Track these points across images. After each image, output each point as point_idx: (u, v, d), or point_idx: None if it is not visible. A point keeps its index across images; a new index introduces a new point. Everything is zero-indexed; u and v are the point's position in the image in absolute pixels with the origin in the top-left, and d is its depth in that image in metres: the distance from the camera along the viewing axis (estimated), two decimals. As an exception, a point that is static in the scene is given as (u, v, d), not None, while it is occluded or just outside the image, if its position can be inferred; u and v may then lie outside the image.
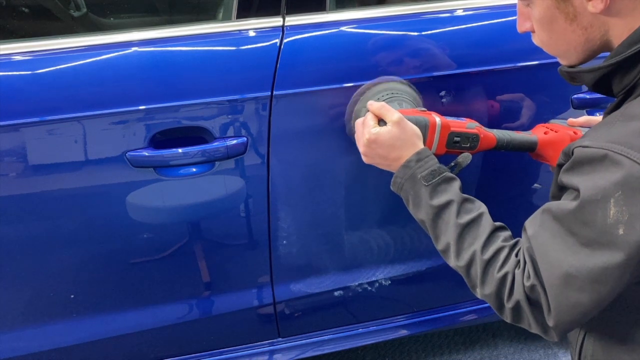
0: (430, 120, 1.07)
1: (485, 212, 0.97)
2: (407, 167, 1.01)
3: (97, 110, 1.14)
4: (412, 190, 1.00)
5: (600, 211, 0.77)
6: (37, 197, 1.18)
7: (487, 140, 1.12)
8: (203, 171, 1.22)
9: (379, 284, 1.47)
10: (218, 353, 1.45)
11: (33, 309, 1.29)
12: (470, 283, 0.95)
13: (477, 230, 0.95)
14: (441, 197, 0.98)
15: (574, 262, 0.80)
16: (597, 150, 0.78)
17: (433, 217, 0.98)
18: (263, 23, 1.23)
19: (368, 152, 1.06)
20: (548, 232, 0.84)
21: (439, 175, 0.99)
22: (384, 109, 1.05)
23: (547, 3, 0.87)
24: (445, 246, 0.97)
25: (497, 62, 1.29)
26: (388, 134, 1.03)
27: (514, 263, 0.89)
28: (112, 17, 1.64)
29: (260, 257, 1.35)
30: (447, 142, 1.09)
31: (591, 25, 0.86)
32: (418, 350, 1.86)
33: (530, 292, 0.85)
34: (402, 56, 1.26)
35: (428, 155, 1.02)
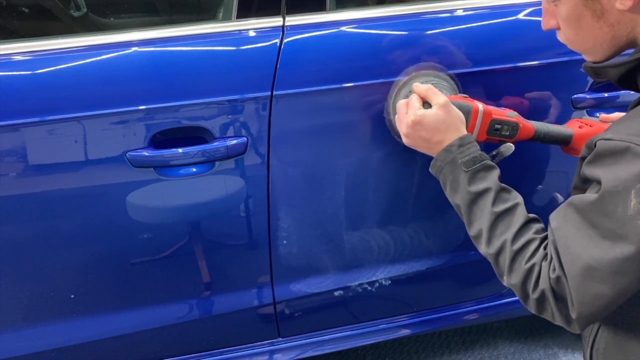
0: (473, 106, 1.08)
1: (521, 203, 0.98)
2: (448, 151, 1.02)
3: (97, 110, 1.14)
4: (451, 175, 1.01)
5: (620, 202, 0.78)
6: (37, 197, 1.18)
7: (526, 130, 1.14)
8: (203, 171, 1.22)
9: (379, 284, 1.47)
10: (218, 353, 1.45)
11: (33, 309, 1.29)
12: (498, 271, 0.97)
13: (510, 219, 0.96)
14: (479, 184, 0.99)
15: (595, 254, 0.81)
16: (619, 142, 0.79)
17: (469, 203, 0.99)
18: (263, 23, 1.23)
19: (410, 134, 1.07)
20: (570, 225, 0.85)
21: (479, 162, 1.00)
22: (430, 91, 1.06)
23: (574, 1, 0.87)
24: (477, 232, 0.99)
25: (497, 62, 1.29)
26: (434, 117, 1.03)
27: (542, 255, 0.90)
28: (112, 17, 1.64)
29: (260, 257, 1.35)
30: (488, 129, 1.10)
31: (618, 22, 0.86)
32: (418, 350, 1.86)
33: (556, 284, 0.86)
34: (402, 56, 1.26)
35: (470, 141, 1.03)
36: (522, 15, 1.32)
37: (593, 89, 1.37)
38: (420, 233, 1.44)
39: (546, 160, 1.43)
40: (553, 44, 1.30)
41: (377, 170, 1.33)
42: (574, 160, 1.39)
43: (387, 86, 1.25)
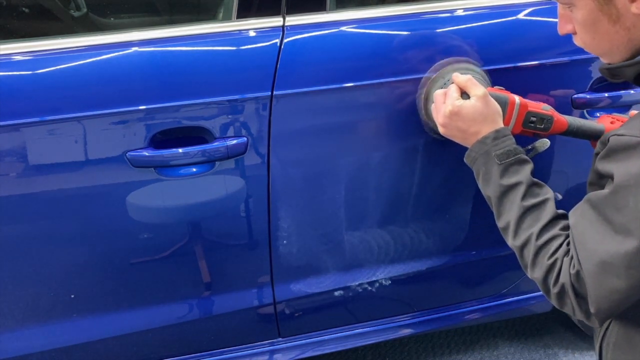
0: (510, 98, 1.09)
1: (551, 198, 0.99)
2: (483, 143, 1.03)
3: (97, 110, 1.14)
4: (485, 167, 1.02)
5: (632, 197, 0.80)
6: (38, 197, 1.18)
7: (560, 124, 1.15)
8: (203, 171, 1.22)
9: (379, 283, 1.47)
10: (218, 353, 1.45)
11: (33, 309, 1.29)
12: (523, 263, 0.98)
13: (538, 214, 0.96)
14: (511, 178, 1.00)
15: (609, 249, 0.82)
16: (631, 138, 0.82)
17: (500, 195, 1.00)
18: (263, 23, 1.23)
19: (447, 124, 1.07)
20: (587, 221, 0.87)
21: (513, 155, 1.01)
22: (470, 82, 1.07)
23: (590, 6, 0.88)
24: (505, 224, 1.00)
25: (497, 62, 1.29)
26: (472, 108, 1.04)
27: (565, 251, 0.91)
28: (112, 17, 1.64)
29: (260, 257, 1.35)
30: (524, 122, 1.11)
31: (634, 25, 0.87)
32: (418, 350, 1.86)
33: (575, 280, 0.87)
34: (402, 56, 1.26)
35: (506, 134, 1.03)
36: (522, 15, 1.32)
37: (594, 88, 1.37)
38: (420, 233, 1.44)
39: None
40: (553, 44, 1.31)
41: (377, 170, 1.33)
42: (573, 158, 1.40)
43: (387, 86, 1.25)
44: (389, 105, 1.27)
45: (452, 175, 1.37)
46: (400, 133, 1.29)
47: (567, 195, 1.46)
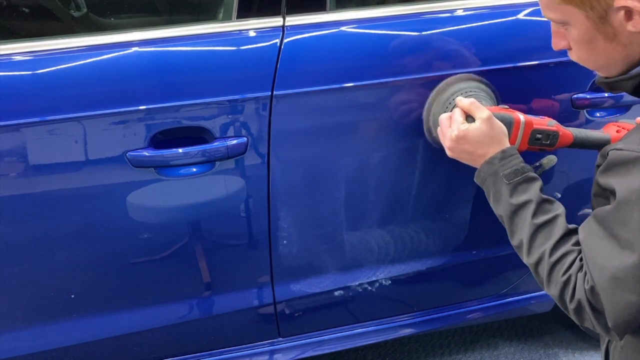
0: (515, 118, 1.10)
1: (562, 214, 0.99)
2: (490, 163, 1.04)
3: (97, 110, 1.14)
4: (494, 187, 1.03)
5: (635, 211, 0.80)
6: (38, 197, 1.18)
7: (565, 138, 1.16)
8: (203, 171, 1.22)
9: (379, 283, 1.47)
10: (218, 353, 1.45)
11: (33, 309, 1.29)
12: (538, 279, 0.99)
13: (550, 231, 0.97)
14: (520, 196, 1.00)
15: (617, 265, 0.83)
16: (629, 152, 0.82)
17: (510, 214, 1.01)
18: (263, 23, 1.23)
19: (454, 147, 1.09)
20: (595, 237, 0.88)
21: (521, 174, 1.02)
22: (473, 106, 1.08)
23: (586, 25, 0.88)
24: (518, 242, 1.00)
25: (498, 62, 1.29)
26: (477, 131, 1.05)
27: (578, 267, 0.92)
28: (113, 17, 1.63)
29: (260, 257, 1.35)
30: (530, 139, 1.12)
31: (630, 42, 0.87)
32: (418, 350, 1.86)
33: (590, 295, 0.88)
34: (403, 56, 1.26)
35: (513, 154, 1.04)
36: (522, 15, 1.32)
37: (594, 89, 1.37)
38: (420, 233, 1.44)
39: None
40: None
41: (377, 170, 1.33)
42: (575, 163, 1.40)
43: (387, 86, 1.25)
44: (389, 105, 1.27)
45: (452, 175, 1.37)
46: (400, 133, 1.29)
47: (568, 195, 1.47)
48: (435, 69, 1.26)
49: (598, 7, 0.85)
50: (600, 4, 0.84)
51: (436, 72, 1.26)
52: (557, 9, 0.89)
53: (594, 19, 0.86)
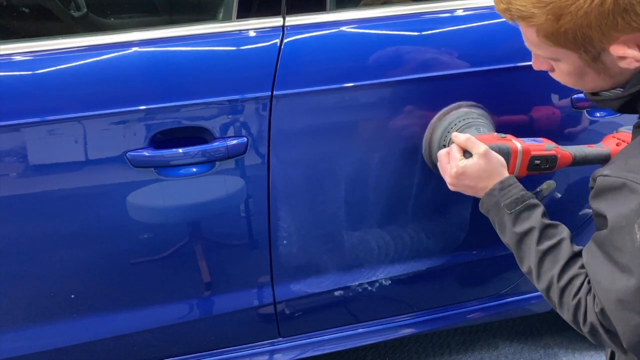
0: (512, 147, 1.11)
1: (566, 238, 1.00)
2: (491, 195, 1.06)
3: (97, 110, 1.14)
4: (497, 217, 1.05)
5: (628, 236, 0.81)
6: (38, 197, 1.18)
7: (564, 159, 1.16)
8: (203, 171, 1.22)
9: (379, 283, 1.47)
10: (218, 353, 1.45)
11: (33, 309, 1.29)
12: (551, 304, 1.00)
13: (556, 256, 0.98)
14: (523, 225, 1.01)
15: (620, 287, 0.83)
16: (615, 179, 0.83)
17: (516, 243, 1.03)
18: (263, 23, 1.23)
19: (455, 183, 1.11)
20: (596, 260, 0.88)
21: (521, 203, 1.03)
22: (469, 142, 1.09)
23: (577, 64, 0.88)
24: (528, 269, 1.02)
25: (498, 62, 1.29)
26: (475, 166, 1.07)
27: (587, 290, 0.93)
28: (112, 17, 1.64)
29: (260, 257, 1.35)
30: (529, 166, 1.13)
31: (619, 73, 0.88)
32: (418, 350, 1.86)
33: (602, 317, 0.89)
34: (403, 56, 1.26)
35: (512, 183, 1.05)
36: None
37: (593, 89, 1.37)
38: (420, 233, 1.44)
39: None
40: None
41: (377, 170, 1.33)
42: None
43: (387, 86, 1.25)
44: (389, 105, 1.27)
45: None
46: (400, 133, 1.29)
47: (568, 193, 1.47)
48: (435, 69, 1.26)
49: (592, 51, 0.85)
50: (594, 48, 0.85)
51: (436, 72, 1.26)
52: (548, 49, 0.89)
53: (586, 59, 0.87)
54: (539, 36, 0.87)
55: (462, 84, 1.29)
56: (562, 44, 0.86)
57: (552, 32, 0.85)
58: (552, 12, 0.82)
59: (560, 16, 0.82)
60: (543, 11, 0.83)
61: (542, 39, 0.87)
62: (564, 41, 0.85)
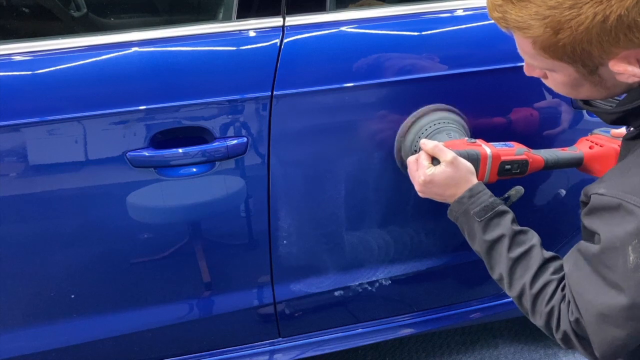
0: (482, 152, 1.11)
1: (537, 244, 1.00)
2: (460, 202, 1.06)
3: (97, 110, 1.14)
4: (467, 225, 1.05)
5: (620, 257, 0.80)
6: (38, 197, 1.18)
7: (536, 163, 1.15)
8: (203, 171, 1.22)
9: (379, 283, 1.47)
10: (218, 353, 1.45)
11: (33, 309, 1.29)
12: (523, 311, 1.00)
13: (527, 263, 0.98)
14: (493, 232, 1.02)
15: (605, 302, 0.83)
16: (611, 199, 0.81)
17: (487, 250, 1.03)
18: (263, 23, 1.23)
19: (424, 190, 1.11)
20: (581, 272, 0.88)
21: (491, 210, 1.03)
22: (437, 149, 1.09)
23: (574, 76, 0.86)
24: (499, 277, 1.02)
25: (498, 62, 1.29)
26: (443, 174, 1.06)
27: (560, 297, 0.93)
28: (112, 17, 1.64)
29: (260, 257, 1.35)
30: (499, 171, 1.12)
31: (615, 85, 0.87)
32: (418, 350, 1.86)
33: (576, 326, 0.89)
34: (403, 56, 1.26)
35: (480, 190, 1.05)
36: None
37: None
38: (420, 233, 1.44)
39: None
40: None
41: (377, 170, 1.33)
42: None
43: (387, 86, 1.25)
44: (389, 105, 1.27)
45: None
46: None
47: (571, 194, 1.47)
48: (435, 69, 1.26)
49: (590, 65, 0.83)
50: (593, 62, 0.82)
51: (436, 72, 1.26)
52: (544, 60, 0.86)
53: (582, 72, 0.85)
54: (534, 48, 0.83)
55: (464, 83, 1.29)
56: (559, 57, 0.83)
57: (549, 45, 0.81)
58: (550, 25, 0.79)
59: (559, 30, 0.79)
60: (541, 23, 0.79)
61: (538, 51, 0.83)
62: (561, 54, 0.82)
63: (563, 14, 0.78)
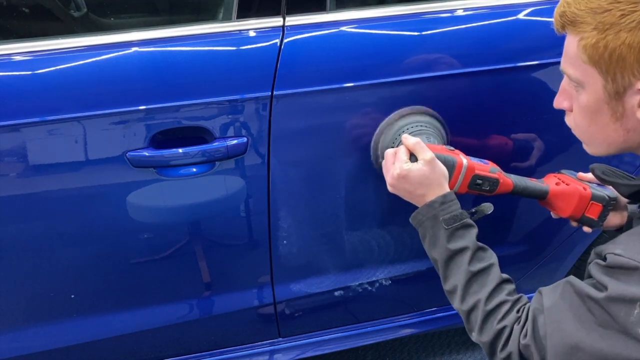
0: (458, 161, 1.11)
1: (496, 263, 1.02)
2: (431, 206, 1.06)
3: (97, 110, 1.14)
4: (432, 230, 1.05)
5: (624, 309, 0.80)
6: (38, 197, 1.18)
7: (505, 185, 1.16)
8: (203, 171, 1.22)
9: (379, 283, 1.47)
10: (218, 353, 1.45)
11: (33, 309, 1.29)
12: (468, 327, 1.01)
13: (485, 279, 1.00)
14: (458, 242, 1.02)
15: (586, 339, 0.83)
16: (629, 260, 0.81)
17: (446, 259, 1.03)
18: (263, 23, 1.23)
19: (395, 185, 1.10)
20: (568, 303, 0.87)
21: (459, 220, 1.04)
22: (418, 146, 1.09)
23: (599, 95, 0.86)
24: (452, 288, 1.03)
25: (498, 62, 1.29)
26: (418, 172, 1.06)
27: (514, 318, 0.94)
28: (112, 17, 1.63)
29: (260, 257, 1.35)
30: (470, 184, 1.13)
31: (634, 129, 0.86)
32: (418, 350, 1.86)
33: (524, 350, 0.90)
34: (403, 56, 1.26)
35: (452, 199, 1.06)
36: (522, 15, 1.32)
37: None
38: (420, 233, 1.44)
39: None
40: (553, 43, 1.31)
41: (377, 170, 1.33)
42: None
43: (387, 86, 1.25)
44: (389, 105, 1.27)
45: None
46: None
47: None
48: (435, 69, 1.26)
49: (620, 81, 0.83)
50: (623, 79, 0.83)
51: (436, 72, 1.26)
52: (580, 67, 0.87)
53: (610, 91, 0.85)
54: (578, 47, 0.85)
55: (463, 83, 1.29)
56: (596, 61, 0.84)
57: (592, 44, 0.83)
58: (602, 21, 0.81)
59: (609, 26, 0.81)
60: (594, 19, 0.82)
61: (580, 50, 0.85)
62: (599, 58, 0.83)
63: (620, 8, 0.80)
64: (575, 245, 1.55)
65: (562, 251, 1.55)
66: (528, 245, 1.54)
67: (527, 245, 1.54)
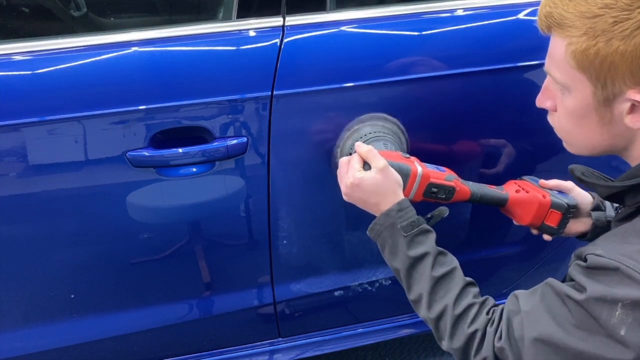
0: (413, 169, 1.09)
1: (458, 266, 1.00)
2: (387, 215, 1.03)
3: (97, 110, 1.14)
4: (391, 239, 1.03)
5: (606, 310, 0.78)
6: (37, 197, 1.18)
7: (462, 193, 1.15)
8: (203, 171, 1.22)
9: (379, 283, 1.47)
10: (218, 353, 1.45)
11: (33, 309, 1.29)
12: (438, 335, 0.98)
13: (449, 284, 0.98)
14: (418, 249, 1.00)
15: (566, 340, 0.81)
16: (609, 261, 0.79)
17: (408, 268, 1.01)
18: (263, 23, 1.23)
19: (349, 194, 1.08)
20: (547, 305, 0.85)
21: (417, 227, 1.02)
22: (370, 154, 1.06)
23: (587, 100, 0.83)
24: (417, 296, 1.00)
25: (497, 62, 1.29)
26: (371, 180, 1.04)
27: (485, 321, 0.92)
28: (112, 17, 1.63)
29: (260, 257, 1.35)
30: (425, 192, 1.11)
31: (620, 135, 0.85)
32: (418, 350, 1.86)
33: (499, 353, 0.88)
34: (402, 56, 1.26)
35: (408, 206, 1.04)
36: (522, 15, 1.32)
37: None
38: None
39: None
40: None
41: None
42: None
43: (387, 86, 1.25)
44: (389, 105, 1.27)
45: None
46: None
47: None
48: (434, 69, 1.26)
49: (610, 88, 0.81)
50: (614, 86, 0.80)
51: (435, 72, 1.26)
52: (568, 71, 0.83)
53: (599, 98, 0.82)
54: (566, 52, 0.81)
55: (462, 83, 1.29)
56: (586, 67, 0.80)
57: (582, 51, 0.79)
58: (593, 27, 0.78)
59: (600, 33, 0.78)
60: (584, 23, 0.78)
61: (568, 56, 0.81)
62: (589, 65, 0.80)
63: (612, 15, 0.77)
64: (575, 245, 1.55)
65: (562, 251, 1.55)
66: (528, 245, 1.54)
67: (527, 245, 1.54)
